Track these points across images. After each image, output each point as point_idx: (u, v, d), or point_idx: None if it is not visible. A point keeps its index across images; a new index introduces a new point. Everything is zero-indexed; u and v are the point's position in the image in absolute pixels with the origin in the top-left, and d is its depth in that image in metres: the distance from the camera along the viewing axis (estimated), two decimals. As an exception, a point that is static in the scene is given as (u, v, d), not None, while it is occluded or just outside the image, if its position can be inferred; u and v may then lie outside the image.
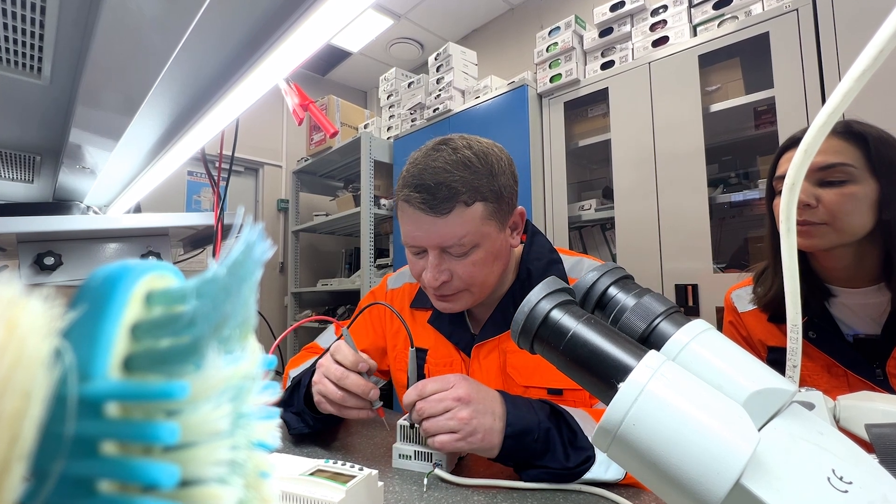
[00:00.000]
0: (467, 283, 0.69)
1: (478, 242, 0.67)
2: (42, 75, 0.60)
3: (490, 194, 0.66)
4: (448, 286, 0.69)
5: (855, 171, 0.71)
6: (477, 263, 0.67)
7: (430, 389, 0.59)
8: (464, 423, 0.56)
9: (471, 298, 0.71)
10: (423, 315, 0.83)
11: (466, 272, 0.68)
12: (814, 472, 0.23)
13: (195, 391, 0.15)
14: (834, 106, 0.24)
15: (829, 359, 0.76)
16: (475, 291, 0.71)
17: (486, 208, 0.66)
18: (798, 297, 0.29)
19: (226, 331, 0.16)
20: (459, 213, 0.64)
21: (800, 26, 1.41)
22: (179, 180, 3.12)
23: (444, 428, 0.56)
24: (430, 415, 0.57)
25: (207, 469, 0.15)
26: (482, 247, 0.67)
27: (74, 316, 0.15)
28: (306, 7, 0.40)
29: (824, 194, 0.72)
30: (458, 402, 0.57)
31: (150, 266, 0.17)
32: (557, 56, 2.01)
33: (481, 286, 0.70)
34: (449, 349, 0.79)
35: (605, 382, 0.29)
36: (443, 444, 0.56)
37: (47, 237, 0.84)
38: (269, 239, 0.18)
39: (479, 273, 0.68)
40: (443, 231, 0.65)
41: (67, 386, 0.13)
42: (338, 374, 0.63)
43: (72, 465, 0.13)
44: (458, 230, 0.65)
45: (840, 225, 0.71)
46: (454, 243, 0.65)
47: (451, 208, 0.64)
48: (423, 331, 0.82)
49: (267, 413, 0.20)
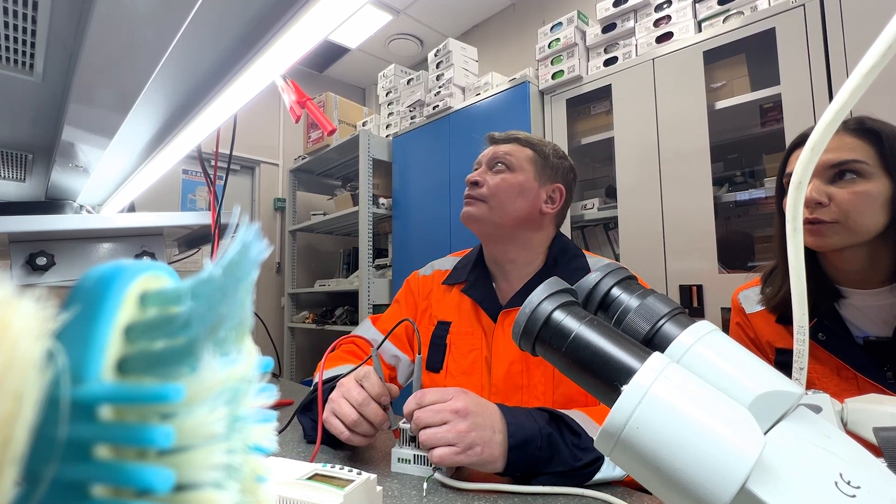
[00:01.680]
0: (492, 192, 0.86)
1: (513, 167, 0.88)
2: (34, 72, 0.60)
3: (539, 151, 0.90)
4: (477, 189, 0.87)
5: (868, 169, 0.70)
6: (506, 180, 0.87)
7: (428, 399, 0.60)
8: (461, 436, 0.56)
9: (486, 210, 0.86)
10: (455, 290, 0.94)
11: (495, 183, 0.87)
12: (821, 476, 0.23)
13: (190, 394, 0.15)
14: (842, 103, 0.24)
15: (839, 361, 0.75)
16: (493, 205, 0.86)
17: (533, 156, 0.90)
18: (805, 298, 0.29)
19: (221, 332, 0.16)
20: (514, 145, 0.91)
21: (807, 22, 1.41)
22: (174, 179, 3.12)
23: (441, 440, 0.56)
24: (427, 424, 0.58)
25: (203, 473, 0.15)
26: (515, 173, 0.87)
27: (67, 317, 0.15)
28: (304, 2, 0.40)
29: (836, 192, 0.71)
30: (455, 415, 0.57)
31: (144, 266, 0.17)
32: (559, 52, 2.01)
33: (500, 203, 0.86)
34: (472, 321, 0.89)
35: (608, 385, 0.29)
36: (441, 457, 0.56)
37: (40, 237, 0.84)
38: (265, 239, 0.18)
39: (503, 189, 0.86)
40: (498, 149, 0.90)
41: (60, 388, 0.13)
42: (359, 400, 0.64)
43: (64, 469, 0.13)
44: (507, 149, 0.90)
45: (852, 223, 0.70)
46: (500, 157, 0.89)
47: (512, 141, 0.91)
48: (449, 306, 0.93)
49: (263, 416, 0.20)
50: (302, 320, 3.15)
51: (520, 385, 0.81)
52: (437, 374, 0.89)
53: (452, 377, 0.87)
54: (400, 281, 2.69)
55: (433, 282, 0.99)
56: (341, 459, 0.68)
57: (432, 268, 1.02)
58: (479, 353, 0.86)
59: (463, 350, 0.88)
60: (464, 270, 0.94)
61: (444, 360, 0.89)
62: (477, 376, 0.85)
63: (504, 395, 0.82)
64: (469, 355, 0.87)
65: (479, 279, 0.91)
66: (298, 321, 3.18)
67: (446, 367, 0.88)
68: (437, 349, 0.90)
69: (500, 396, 0.82)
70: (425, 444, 0.57)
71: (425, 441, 0.57)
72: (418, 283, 1.01)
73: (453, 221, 2.33)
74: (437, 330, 0.92)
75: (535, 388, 0.80)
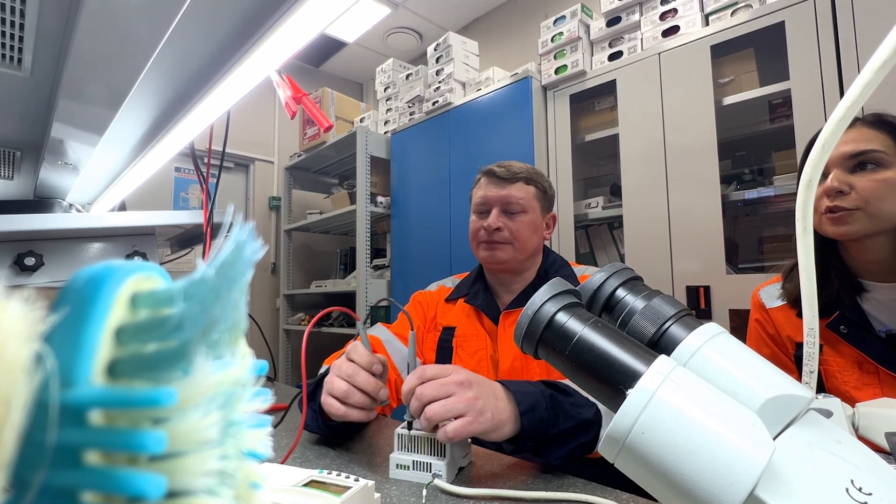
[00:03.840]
0: (514, 235, 0.97)
1: (527, 209, 0.98)
2: (22, 67, 0.60)
3: (539, 186, 1.01)
4: (499, 234, 0.97)
5: (887, 158, 0.73)
6: (524, 223, 0.97)
7: (429, 374, 0.60)
8: (471, 404, 0.57)
9: (512, 252, 0.97)
10: (458, 302, 1.05)
11: (515, 227, 0.97)
12: (831, 482, 0.23)
13: (183, 398, 0.15)
14: (853, 99, 0.24)
15: (861, 354, 0.77)
16: (517, 247, 0.97)
17: (537, 192, 1.00)
18: (815, 298, 0.29)
19: (215, 335, 0.16)
20: (520, 185, 0.99)
21: (817, 14, 1.41)
22: (166, 177, 3.12)
23: (452, 411, 0.56)
24: (433, 398, 0.58)
25: (196, 480, 0.15)
26: (529, 214, 0.98)
27: (56, 319, 0.15)
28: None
29: (857, 180, 0.74)
30: (460, 386, 0.58)
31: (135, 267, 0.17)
32: (563, 46, 2.01)
33: (522, 244, 0.97)
34: (475, 325, 0.99)
35: (612, 389, 0.29)
36: (455, 430, 0.55)
37: (28, 236, 0.84)
38: (260, 238, 0.18)
39: (523, 231, 0.97)
40: (508, 192, 0.98)
41: (49, 392, 0.13)
42: (349, 371, 0.65)
43: (53, 476, 0.13)
44: (517, 193, 0.98)
45: (873, 210, 0.73)
46: (513, 201, 0.97)
47: (517, 180, 0.99)
48: (453, 315, 1.04)
49: (258, 421, 0.20)
50: (297, 322, 3.15)
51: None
52: None
53: None
54: (399, 281, 2.69)
55: (438, 296, 1.10)
56: (338, 465, 0.68)
57: (436, 285, 1.15)
58: (484, 352, 0.95)
59: (469, 351, 0.97)
60: (465, 286, 1.06)
61: (450, 363, 0.96)
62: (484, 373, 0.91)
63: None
64: (475, 355, 0.96)
65: (479, 291, 1.03)
66: (294, 323, 3.18)
67: None
68: (443, 352, 1.00)
69: None
70: (433, 417, 0.56)
71: (433, 415, 0.56)
72: (424, 297, 1.13)
73: (453, 220, 2.33)
74: (442, 335, 1.02)
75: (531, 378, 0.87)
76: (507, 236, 0.96)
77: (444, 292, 1.11)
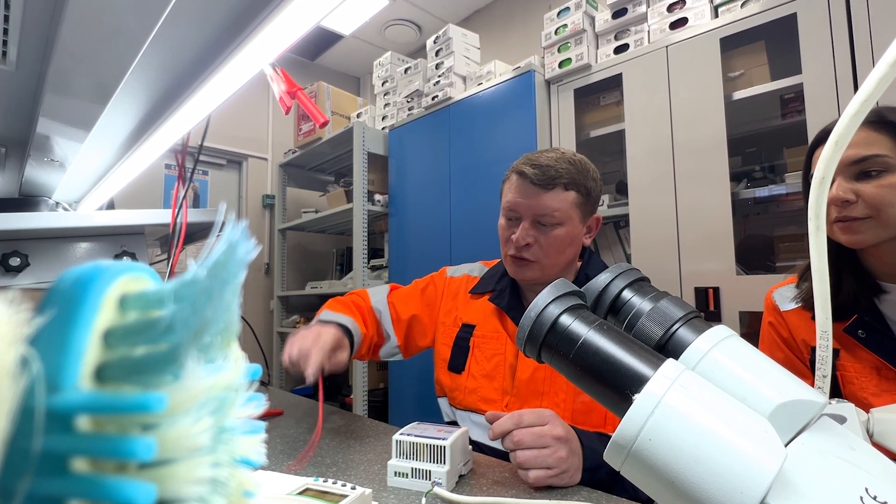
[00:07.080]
0: (545, 252, 0.88)
1: (563, 221, 0.87)
2: (7, 60, 0.60)
3: (582, 189, 0.88)
4: (528, 251, 0.88)
5: (891, 161, 0.72)
6: (557, 238, 0.87)
7: (527, 421, 0.66)
8: (561, 462, 0.63)
9: (540, 270, 0.89)
10: (481, 299, 1.00)
11: (547, 243, 0.87)
12: (845, 490, 0.23)
13: (173, 403, 0.15)
14: (867, 94, 0.24)
15: (880, 360, 0.77)
16: (546, 264, 0.89)
17: (577, 198, 0.88)
18: (828, 301, 0.29)
19: (206, 338, 0.16)
20: (557, 193, 0.86)
21: (830, 6, 1.41)
22: (156, 174, 3.12)
23: (542, 464, 0.63)
24: (529, 447, 0.64)
25: (187, 488, 0.15)
26: (565, 227, 0.87)
27: (42, 322, 0.15)
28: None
29: (863, 188, 0.73)
30: (556, 442, 0.65)
31: (124, 267, 0.17)
32: (567, 39, 2.01)
33: (553, 261, 0.89)
34: (496, 326, 0.94)
35: (618, 394, 0.29)
36: (538, 478, 0.62)
37: (13, 236, 0.84)
38: (253, 238, 0.18)
39: (556, 247, 0.88)
40: (542, 202, 0.86)
41: (35, 397, 0.13)
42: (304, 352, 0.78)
43: (40, 484, 0.13)
44: (553, 204, 0.86)
45: (885, 217, 0.72)
46: (547, 213, 0.86)
47: (553, 186, 0.86)
48: (475, 310, 0.99)
49: (251, 427, 0.20)
50: (292, 324, 3.15)
51: (541, 391, 0.86)
52: (459, 376, 0.95)
53: (474, 379, 0.93)
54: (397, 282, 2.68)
55: (462, 285, 1.05)
56: (334, 473, 0.68)
57: (462, 271, 1.09)
58: (502, 357, 0.92)
59: (486, 353, 0.94)
60: (491, 280, 1.00)
61: (466, 362, 0.95)
62: (499, 380, 0.90)
63: (524, 399, 0.87)
64: (493, 359, 0.93)
65: (506, 289, 0.97)
66: (288, 325, 3.18)
67: (468, 369, 0.94)
68: (460, 351, 0.97)
69: (519, 400, 0.87)
70: (524, 464, 0.63)
71: (524, 461, 0.63)
72: (446, 282, 1.08)
73: (453, 219, 2.33)
74: (460, 332, 0.99)
75: (556, 394, 0.85)
76: (538, 253, 0.88)
77: (469, 283, 1.05)
